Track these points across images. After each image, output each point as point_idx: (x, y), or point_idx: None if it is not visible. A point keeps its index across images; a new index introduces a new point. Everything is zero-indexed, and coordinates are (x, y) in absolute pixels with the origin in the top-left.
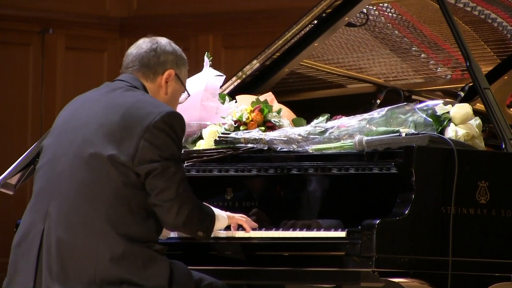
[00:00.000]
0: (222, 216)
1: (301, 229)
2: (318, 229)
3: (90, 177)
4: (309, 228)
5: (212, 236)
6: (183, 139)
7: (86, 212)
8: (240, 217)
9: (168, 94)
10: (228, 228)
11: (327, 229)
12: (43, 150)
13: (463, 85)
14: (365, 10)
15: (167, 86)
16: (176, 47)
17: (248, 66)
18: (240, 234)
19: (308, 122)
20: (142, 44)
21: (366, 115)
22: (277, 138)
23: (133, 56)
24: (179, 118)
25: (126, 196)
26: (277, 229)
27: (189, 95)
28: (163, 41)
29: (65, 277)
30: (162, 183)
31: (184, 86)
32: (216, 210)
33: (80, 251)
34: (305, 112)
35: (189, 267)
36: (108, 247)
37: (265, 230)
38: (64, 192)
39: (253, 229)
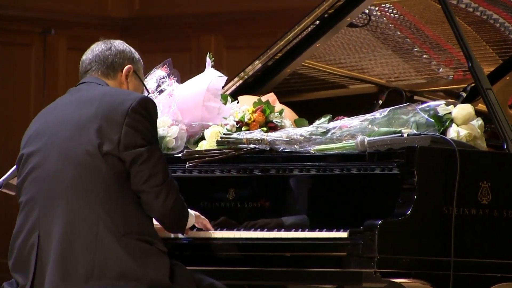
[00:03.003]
0: (191, 216)
1: (302, 230)
2: (316, 230)
3: (79, 174)
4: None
5: (213, 236)
6: (185, 139)
7: (81, 209)
8: (203, 221)
9: (130, 89)
10: (192, 228)
11: (329, 229)
12: (23, 160)
13: (465, 85)
14: (367, 11)
15: (128, 82)
16: (127, 45)
17: (250, 67)
18: (241, 234)
19: (310, 123)
20: (96, 47)
21: (368, 116)
22: (279, 138)
23: (89, 59)
24: (153, 103)
25: (117, 187)
26: (278, 230)
27: (148, 93)
28: (116, 41)
29: (64, 275)
30: (149, 169)
31: (143, 84)
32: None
33: (78, 248)
34: (307, 112)
35: (189, 268)
36: (106, 241)
37: (266, 230)
38: (57, 194)
39: (255, 230)
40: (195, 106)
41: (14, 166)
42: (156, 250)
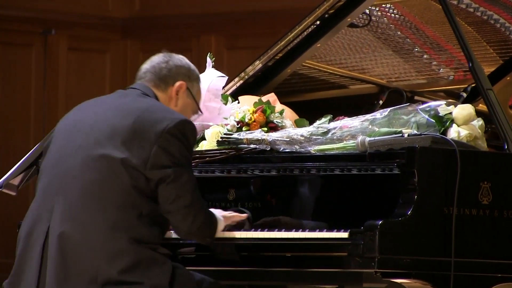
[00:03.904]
0: (220, 220)
1: (303, 230)
2: (317, 230)
3: (99, 178)
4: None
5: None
6: None
7: (92, 212)
8: (231, 216)
9: (178, 107)
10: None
11: (329, 229)
12: (48, 150)
13: (466, 86)
14: (367, 11)
15: (178, 98)
16: (189, 63)
17: (250, 67)
18: (241, 234)
19: (311, 123)
20: (155, 57)
21: (368, 116)
22: (279, 138)
23: (145, 68)
24: (192, 126)
25: (134, 199)
26: (279, 230)
27: (201, 113)
28: (176, 55)
29: (67, 275)
30: (176, 190)
31: (197, 103)
32: (215, 213)
33: (83, 250)
34: (307, 113)
35: (190, 268)
36: (112, 247)
37: (267, 230)
38: (71, 191)
39: (255, 230)
40: None
41: (15, 166)
42: (159, 256)
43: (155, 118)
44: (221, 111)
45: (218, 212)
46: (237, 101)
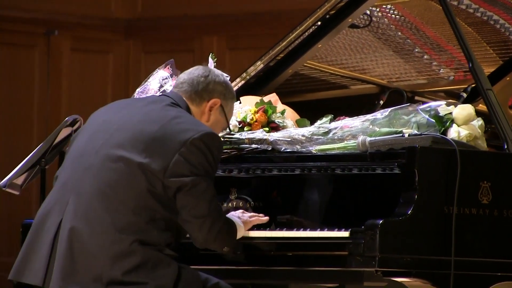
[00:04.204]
0: (240, 226)
1: (305, 229)
2: (318, 229)
3: (116, 179)
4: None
5: None
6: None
7: (103, 212)
8: (251, 220)
9: (209, 122)
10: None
11: (330, 229)
12: (74, 142)
13: (466, 86)
14: (368, 12)
15: (210, 114)
16: (227, 80)
17: (252, 67)
18: (244, 234)
19: (312, 123)
20: (195, 70)
21: (369, 116)
22: (281, 138)
23: (184, 79)
24: (218, 140)
25: (147, 203)
26: (280, 229)
27: (230, 130)
28: (216, 71)
29: (73, 271)
30: (193, 199)
31: (227, 121)
32: (235, 220)
33: (91, 248)
34: (308, 113)
35: (194, 267)
36: (118, 249)
37: (269, 230)
38: (87, 188)
39: (258, 229)
40: None
41: (18, 166)
42: (164, 257)
43: (180, 128)
44: None
45: (238, 217)
46: (238, 101)
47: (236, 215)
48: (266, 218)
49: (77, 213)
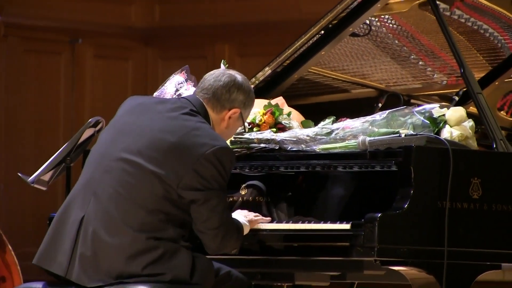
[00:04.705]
0: (246, 226)
1: (309, 222)
2: (321, 222)
3: (133, 184)
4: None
5: None
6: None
7: (122, 214)
8: (256, 219)
9: (228, 128)
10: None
11: (333, 221)
12: (99, 138)
13: (458, 90)
14: (368, 21)
15: (229, 122)
16: (249, 88)
17: (260, 73)
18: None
19: (316, 124)
20: (221, 77)
21: (368, 118)
22: (287, 138)
23: (209, 84)
24: (230, 154)
25: (164, 207)
26: (287, 222)
27: (244, 129)
28: (239, 79)
29: (96, 268)
30: (206, 212)
31: (244, 125)
32: (241, 221)
33: (112, 249)
34: (312, 114)
35: (208, 257)
36: (138, 247)
37: (276, 222)
38: (106, 192)
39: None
40: None
41: (45, 163)
42: (180, 247)
43: (196, 142)
44: None
45: (243, 216)
46: None
47: (242, 214)
48: (269, 218)
49: (97, 215)
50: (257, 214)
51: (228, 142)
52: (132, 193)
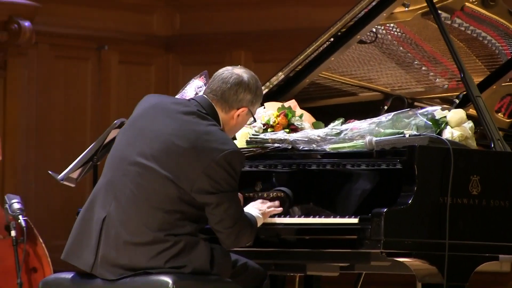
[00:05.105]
0: (259, 218)
1: (320, 216)
2: (331, 216)
3: (149, 186)
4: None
5: None
6: None
7: (142, 215)
8: (269, 211)
9: (237, 124)
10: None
11: (342, 216)
12: (118, 140)
13: (458, 93)
14: (374, 30)
15: (238, 119)
16: (257, 85)
17: (274, 77)
18: (268, 220)
19: (326, 125)
20: (228, 79)
21: (375, 119)
22: (299, 138)
23: (217, 86)
24: (239, 157)
25: (180, 207)
26: (299, 216)
27: (254, 120)
28: (245, 78)
29: (119, 265)
30: (220, 214)
31: (254, 118)
32: (254, 213)
33: (135, 248)
34: (323, 116)
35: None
36: (159, 246)
37: (289, 217)
38: (126, 192)
39: (279, 216)
40: None
41: (74, 162)
42: (198, 240)
43: (207, 147)
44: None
45: (257, 208)
46: (263, 107)
47: (256, 206)
48: (281, 209)
49: (117, 217)
50: (269, 204)
51: (244, 142)
52: (148, 196)
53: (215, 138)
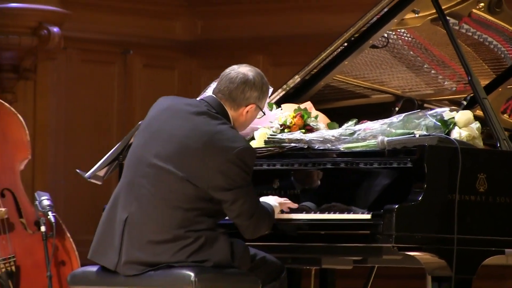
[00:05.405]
0: (276, 207)
1: (334, 212)
2: (345, 212)
3: (166, 187)
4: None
5: None
6: None
7: (162, 214)
8: (285, 203)
9: (247, 119)
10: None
11: (355, 212)
12: (136, 141)
13: (466, 95)
14: (386, 35)
15: (247, 115)
16: (262, 81)
17: (291, 80)
18: (285, 216)
19: (340, 126)
20: (235, 79)
21: (386, 120)
22: (315, 138)
23: (225, 86)
24: (251, 153)
25: (199, 205)
26: (315, 213)
27: (264, 114)
28: (251, 77)
29: (142, 263)
30: (237, 209)
31: (263, 112)
32: (271, 202)
33: (157, 247)
34: (337, 117)
35: (245, 243)
36: (181, 242)
37: (305, 213)
38: (145, 193)
39: (296, 212)
40: None
41: (100, 161)
42: (218, 234)
43: (220, 146)
44: (267, 116)
45: (274, 199)
46: (280, 108)
47: (273, 198)
48: (296, 205)
49: (139, 217)
50: (285, 198)
51: (262, 141)
52: (167, 196)
53: (226, 136)
